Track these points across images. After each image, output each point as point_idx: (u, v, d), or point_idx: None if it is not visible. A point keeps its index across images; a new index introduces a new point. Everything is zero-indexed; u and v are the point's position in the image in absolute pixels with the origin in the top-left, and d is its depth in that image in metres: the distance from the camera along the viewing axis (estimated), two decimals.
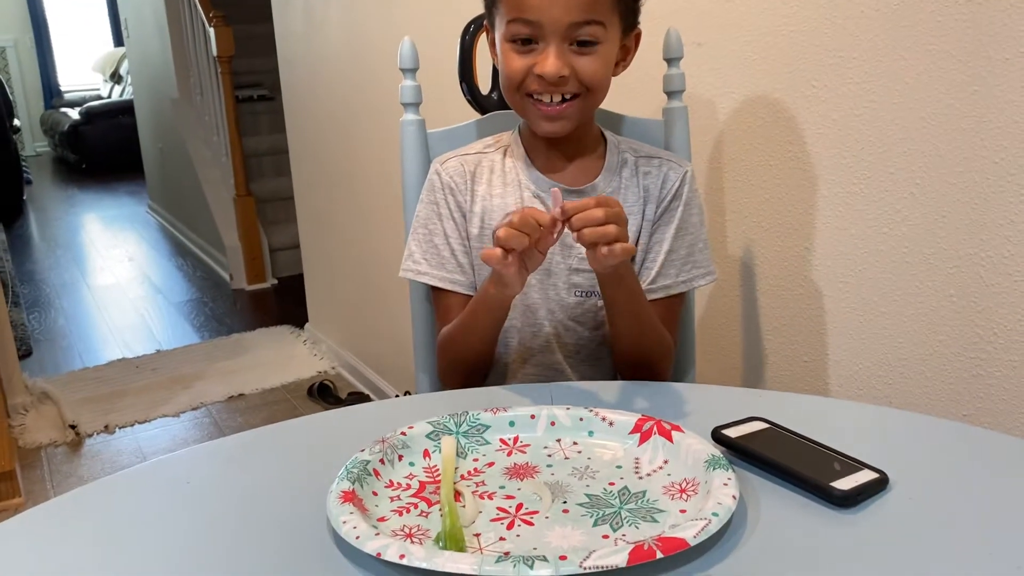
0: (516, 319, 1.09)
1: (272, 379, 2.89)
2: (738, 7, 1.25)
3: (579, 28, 0.94)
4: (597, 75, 0.97)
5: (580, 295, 1.06)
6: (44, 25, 8.61)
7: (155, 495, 0.77)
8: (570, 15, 0.93)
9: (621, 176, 1.07)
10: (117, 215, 5.96)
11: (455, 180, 1.08)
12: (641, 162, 1.07)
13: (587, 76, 0.96)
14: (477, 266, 1.08)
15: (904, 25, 1.05)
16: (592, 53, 0.96)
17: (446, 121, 1.23)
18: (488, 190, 1.07)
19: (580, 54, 0.96)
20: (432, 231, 1.08)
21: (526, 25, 0.94)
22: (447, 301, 1.08)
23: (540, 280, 1.06)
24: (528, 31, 0.95)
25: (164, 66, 4.67)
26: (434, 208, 1.08)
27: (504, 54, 0.99)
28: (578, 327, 1.08)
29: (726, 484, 0.68)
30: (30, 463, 2.39)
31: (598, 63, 0.97)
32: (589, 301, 1.07)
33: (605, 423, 0.81)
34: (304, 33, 2.77)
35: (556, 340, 1.08)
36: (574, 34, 0.94)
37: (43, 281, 4.31)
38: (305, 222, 3.15)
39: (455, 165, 1.09)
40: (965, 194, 1.02)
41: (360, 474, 0.73)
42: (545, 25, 0.93)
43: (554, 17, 0.93)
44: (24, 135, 8.37)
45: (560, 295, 1.06)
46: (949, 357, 1.08)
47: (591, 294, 1.06)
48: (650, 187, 1.06)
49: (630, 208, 1.04)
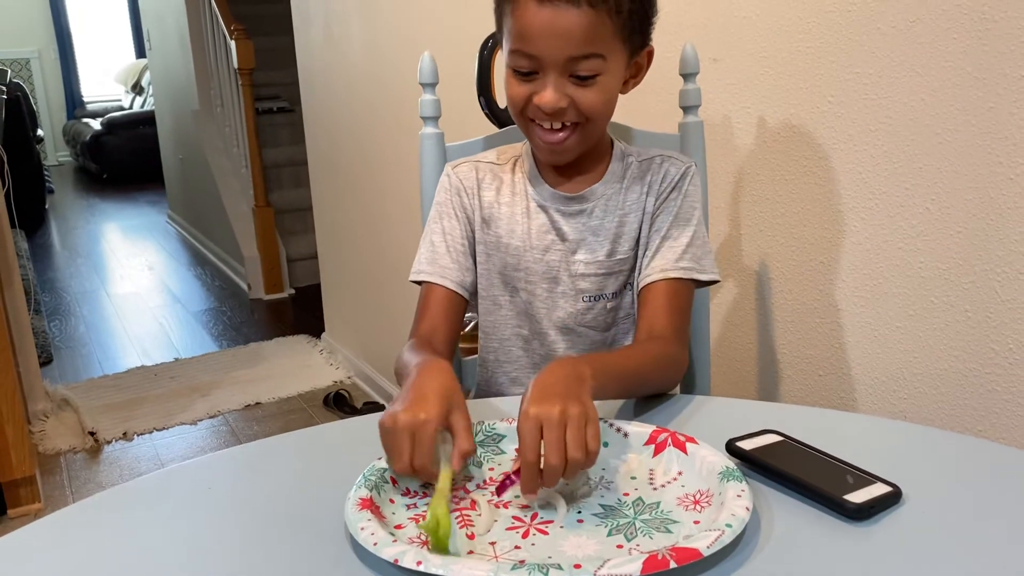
0: (523, 328, 1.09)
1: (288, 388, 2.91)
2: (755, 24, 1.26)
3: (578, 63, 0.93)
4: (596, 107, 0.97)
5: (588, 300, 1.07)
6: (68, 37, 8.73)
7: (176, 500, 0.78)
8: (568, 50, 0.92)
9: (624, 182, 1.07)
10: (137, 225, 6.02)
11: (463, 183, 1.09)
12: (644, 163, 1.08)
13: (586, 107, 0.96)
14: (484, 269, 1.08)
15: (920, 43, 1.05)
16: (592, 86, 0.95)
17: (463, 134, 1.24)
18: (496, 198, 1.08)
19: (580, 86, 0.95)
20: (432, 230, 1.09)
21: (526, 58, 0.94)
22: (430, 295, 1.07)
23: (548, 289, 1.07)
24: (528, 64, 0.95)
25: (186, 78, 4.73)
26: (438, 208, 1.10)
27: (507, 80, 0.99)
28: (589, 331, 1.08)
29: (740, 495, 0.69)
30: (50, 469, 2.42)
31: (597, 95, 0.96)
32: (598, 305, 1.07)
33: (620, 434, 0.82)
34: (324, 46, 2.80)
35: (566, 346, 1.08)
36: (573, 68, 0.94)
37: (64, 289, 4.35)
38: (323, 233, 3.18)
39: (465, 170, 1.10)
40: (981, 210, 1.03)
41: (377, 482, 0.74)
42: (544, 59, 0.93)
43: (552, 52, 0.92)
44: (47, 145, 8.48)
45: (568, 302, 1.07)
46: (964, 372, 1.08)
47: (599, 297, 1.07)
48: (652, 182, 1.06)
49: (631, 205, 1.06)
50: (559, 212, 1.06)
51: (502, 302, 1.10)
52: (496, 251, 1.08)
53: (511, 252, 1.07)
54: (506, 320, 1.10)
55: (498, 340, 1.11)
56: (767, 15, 1.24)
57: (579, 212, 1.06)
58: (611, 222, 1.05)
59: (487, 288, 1.10)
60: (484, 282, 1.10)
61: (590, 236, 1.05)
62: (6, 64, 7.55)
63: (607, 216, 1.05)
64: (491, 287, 1.10)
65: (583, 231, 1.05)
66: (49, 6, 8.58)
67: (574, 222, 1.06)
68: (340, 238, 3.00)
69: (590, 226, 1.05)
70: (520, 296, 1.08)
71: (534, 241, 1.06)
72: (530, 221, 1.07)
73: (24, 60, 8.55)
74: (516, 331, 1.10)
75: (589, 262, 1.05)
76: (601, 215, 1.05)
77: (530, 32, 0.92)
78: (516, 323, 1.10)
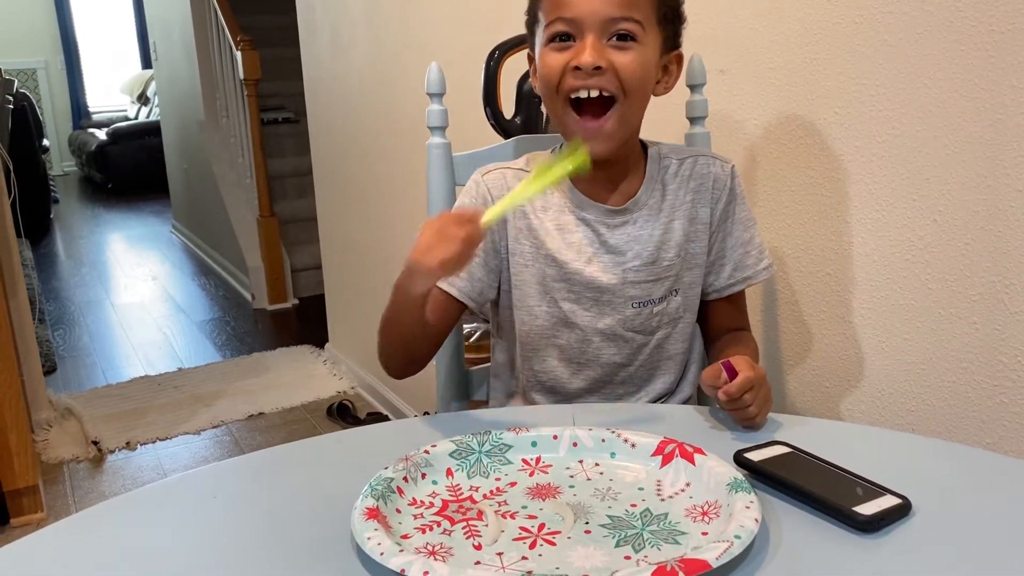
0: (560, 337, 1.07)
1: (292, 398, 2.91)
2: (761, 35, 1.26)
3: (617, 23, 0.94)
4: (635, 73, 0.96)
5: (636, 306, 1.06)
6: (74, 47, 8.77)
7: (181, 509, 0.78)
8: (608, 9, 0.94)
9: (665, 185, 1.06)
10: (141, 235, 6.03)
11: (492, 192, 1.06)
12: (687, 164, 1.07)
13: (625, 71, 0.95)
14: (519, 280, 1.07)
15: (927, 54, 1.05)
16: (630, 49, 0.95)
17: (467, 145, 1.24)
18: (531, 209, 1.06)
19: (618, 48, 0.95)
20: None
21: (564, 23, 0.95)
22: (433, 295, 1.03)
23: (593, 299, 1.05)
24: (566, 28, 0.96)
25: (191, 88, 4.74)
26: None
27: (543, 57, 0.99)
28: (636, 335, 1.07)
29: (748, 507, 0.68)
30: (52, 478, 2.42)
31: (636, 60, 0.96)
32: (645, 310, 1.06)
33: (627, 444, 0.81)
34: (330, 58, 2.81)
35: (613, 351, 1.07)
36: (612, 28, 0.95)
37: (68, 299, 4.36)
38: (327, 243, 3.18)
39: (496, 177, 1.08)
40: (988, 222, 1.02)
41: (384, 491, 0.74)
42: (583, 19, 0.94)
43: (592, 9, 0.94)
44: (52, 155, 8.51)
45: (616, 310, 1.05)
46: (973, 385, 1.07)
47: (647, 303, 1.06)
48: (700, 188, 1.07)
49: (677, 212, 1.06)
50: (602, 224, 1.05)
51: (538, 312, 1.07)
52: (534, 263, 1.06)
53: (551, 264, 1.05)
54: (543, 330, 1.08)
55: (532, 349, 1.09)
56: (774, 27, 1.24)
57: (623, 223, 1.05)
58: (657, 228, 1.05)
59: (522, 299, 1.07)
60: (518, 293, 1.07)
61: (635, 244, 1.05)
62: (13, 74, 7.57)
63: (651, 222, 1.05)
64: (526, 298, 1.07)
65: (628, 240, 1.05)
66: (56, 17, 8.62)
67: (618, 233, 1.05)
68: (344, 248, 3.01)
69: (635, 235, 1.05)
70: (561, 307, 1.06)
71: (577, 253, 1.05)
72: (571, 233, 1.05)
73: (31, 70, 8.58)
74: (552, 340, 1.08)
75: (638, 268, 1.04)
76: (645, 223, 1.05)
77: None
78: (553, 332, 1.07)
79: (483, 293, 1.08)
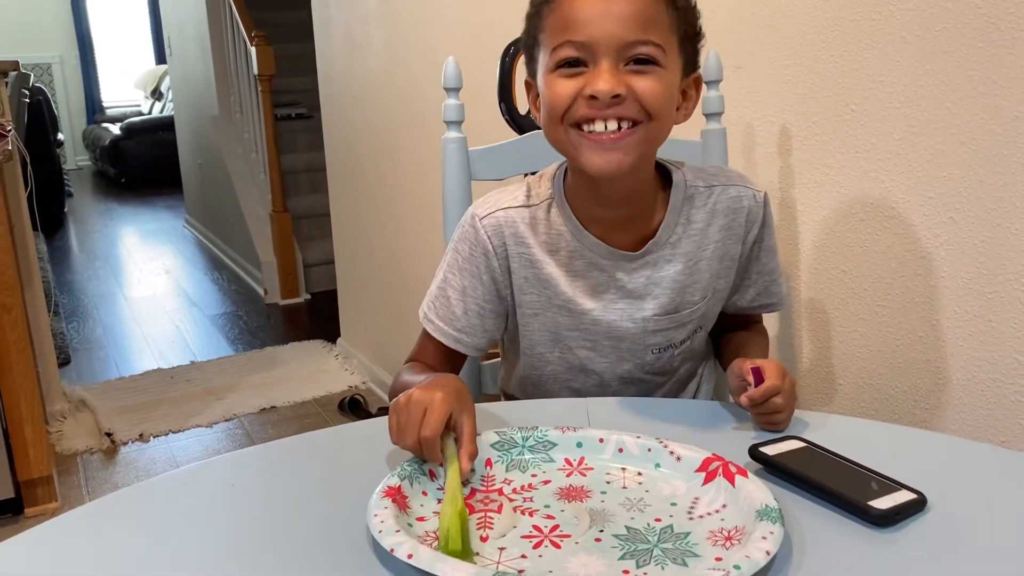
0: (575, 382, 1.03)
1: (304, 392, 2.92)
2: (778, 32, 1.26)
3: (634, 47, 0.82)
4: (660, 96, 0.83)
5: (657, 351, 1.00)
6: (89, 42, 8.82)
7: (195, 499, 0.78)
8: (625, 31, 0.81)
9: (690, 220, 0.95)
10: (155, 229, 6.05)
11: (492, 245, 0.96)
12: (716, 194, 0.96)
13: (648, 97, 0.83)
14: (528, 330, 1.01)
15: (946, 51, 1.05)
16: (651, 73, 0.83)
17: (481, 140, 1.25)
18: (538, 255, 0.96)
19: (637, 74, 0.83)
20: (449, 281, 0.99)
21: (574, 47, 0.83)
22: (429, 343, 1.01)
23: (611, 347, 0.99)
24: (576, 53, 0.83)
25: (205, 84, 4.76)
26: (458, 261, 0.98)
27: (550, 84, 0.86)
28: (655, 376, 1.03)
29: (765, 538, 0.64)
30: (66, 469, 2.43)
31: (659, 84, 0.83)
32: (666, 354, 1.00)
33: (673, 457, 0.78)
34: (344, 53, 2.82)
35: (632, 392, 1.03)
36: (629, 53, 0.82)
37: (82, 292, 4.38)
38: (340, 238, 3.19)
39: (493, 224, 0.96)
40: (1006, 219, 1.02)
41: (413, 472, 0.74)
42: (596, 43, 0.82)
43: (607, 31, 0.81)
44: (66, 149, 8.55)
45: (635, 355, 1.00)
46: (987, 383, 1.07)
47: (668, 348, 1.00)
48: (733, 226, 0.96)
49: (708, 251, 0.96)
50: (618, 268, 0.95)
51: (550, 359, 1.02)
52: (545, 311, 0.98)
53: (565, 313, 0.97)
54: (555, 375, 1.03)
55: (544, 393, 1.05)
56: (791, 23, 1.24)
57: (642, 266, 0.95)
58: (680, 272, 0.95)
59: (530, 347, 1.01)
60: (527, 341, 1.01)
61: (655, 288, 0.96)
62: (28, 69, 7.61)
63: (673, 263, 0.95)
64: (535, 346, 1.01)
65: (647, 284, 0.96)
66: (71, 12, 8.67)
67: (636, 276, 0.95)
68: (357, 244, 3.01)
69: (655, 278, 0.95)
70: (576, 354, 1.00)
71: (593, 301, 0.96)
72: (584, 279, 0.96)
73: (46, 65, 8.63)
74: (566, 384, 1.03)
75: (659, 316, 0.96)
76: (667, 264, 0.95)
77: (582, 17, 0.83)
78: (567, 377, 1.03)
79: (492, 338, 1.03)
